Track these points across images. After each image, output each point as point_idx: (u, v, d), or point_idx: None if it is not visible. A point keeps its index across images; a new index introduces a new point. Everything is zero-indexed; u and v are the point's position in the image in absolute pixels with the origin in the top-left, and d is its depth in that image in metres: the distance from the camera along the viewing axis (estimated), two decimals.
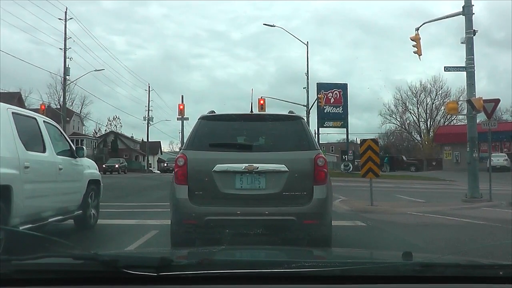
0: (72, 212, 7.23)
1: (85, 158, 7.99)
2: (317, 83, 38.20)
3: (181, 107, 40.75)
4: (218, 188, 5.17)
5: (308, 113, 36.40)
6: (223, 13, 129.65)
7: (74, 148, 7.59)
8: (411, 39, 17.98)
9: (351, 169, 36.21)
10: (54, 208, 6.60)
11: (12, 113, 5.87)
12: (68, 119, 48.49)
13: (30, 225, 5.78)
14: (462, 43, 14.30)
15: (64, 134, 7.80)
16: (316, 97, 35.51)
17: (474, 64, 14.10)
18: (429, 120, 66.73)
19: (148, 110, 60.29)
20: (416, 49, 18.24)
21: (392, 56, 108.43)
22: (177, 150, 63.54)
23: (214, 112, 5.99)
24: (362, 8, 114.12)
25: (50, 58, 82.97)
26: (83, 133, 71.70)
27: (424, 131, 67.26)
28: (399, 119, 67.81)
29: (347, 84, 39.53)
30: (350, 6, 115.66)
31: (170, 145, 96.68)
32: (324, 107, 36.21)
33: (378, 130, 75.12)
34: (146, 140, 63.60)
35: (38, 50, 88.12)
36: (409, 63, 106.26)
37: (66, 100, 70.96)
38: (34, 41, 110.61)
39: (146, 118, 60.19)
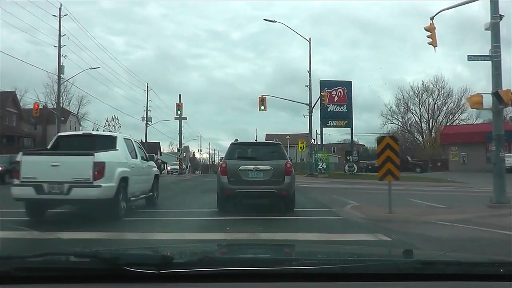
0: (147, 194, 11.42)
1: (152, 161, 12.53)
2: (320, 81, 36.53)
3: (179, 105, 39.28)
4: (241, 177, 10.28)
5: (310, 112, 34.96)
6: (222, 13, 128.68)
7: (148, 155, 12.17)
8: (425, 29, 16.57)
9: (355, 170, 34.74)
10: (141, 190, 10.85)
11: (123, 138, 10.50)
12: (62, 118, 46.94)
13: (134, 198, 10.21)
14: (486, 29, 12.84)
15: (141, 146, 12.25)
16: (318, 96, 34.15)
17: (500, 52, 12.61)
18: (431, 120, 66.09)
19: (147, 110, 58.90)
20: (431, 40, 16.87)
21: (391, 56, 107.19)
22: (176, 151, 62.05)
23: (238, 140, 11.95)
24: (360, 7, 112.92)
25: (48, 58, 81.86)
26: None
27: (426, 131, 66.10)
28: (400, 120, 66.93)
29: (351, 81, 37.91)
30: (348, 6, 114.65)
31: (170, 145, 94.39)
32: (328, 105, 34.68)
33: (379, 131, 74.09)
34: (144, 141, 62.06)
35: (37, 50, 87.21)
36: (408, 62, 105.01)
37: (63, 100, 69.87)
38: (31, 40, 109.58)
39: (145, 118, 58.76)
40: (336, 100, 36.38)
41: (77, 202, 8.79)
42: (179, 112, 39.83)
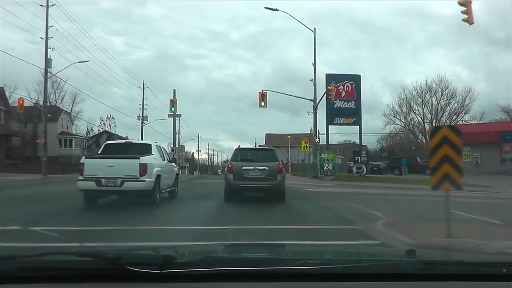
0: (171, 188, 14.62)
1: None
2: (326, 74, 33.51)
3: (173, 101, 36.42)
4: (243, 175, 13.36)
5: (315, 108, 32.11)
6: (221, 13, 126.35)
7: (171, 158, 16.54)
8: (459, 4, 13.80)
9: (364, 172, 31.85)
10: (167, 185, 13.94)
11: (156, 145, 13.79)
12: (50, 115, 44.01)
13: (164, 191, 13.40)
14: None
15: (165, 150, 16.82)
16: (322, 93, 31.40)
17: None
18: (434, 120, 64.52)
19: (143, 108, 56.20)
20: (466, 16, 14.06)
21: (390, 56, 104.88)
22: (170, 151, 59.29)
23: (240, 146, 16.07)
24: (360, 7, 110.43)
25: (44, 57, 78.69)
26: (74, 132, 67.38)
27: (429, 132, 63.96)
28: (403, 120, 65.59)
29: (360, 75, 34.54)
30: (348, 6, 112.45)
31: (168, 146, 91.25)
32: (334, 101, 31.66)
33: (380, 131, 72.41)
34: (140, 140, 59.07)
35: (34, 49, 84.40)
36: (407, 63, 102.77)
37: (56, 97, 67.04)
38: (28, 39, 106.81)
39: (140, 117, 56.00)
40: (343, 96, 33.25)
41: (127, 192, 11.57)
42: (173, 109, 36.93)
